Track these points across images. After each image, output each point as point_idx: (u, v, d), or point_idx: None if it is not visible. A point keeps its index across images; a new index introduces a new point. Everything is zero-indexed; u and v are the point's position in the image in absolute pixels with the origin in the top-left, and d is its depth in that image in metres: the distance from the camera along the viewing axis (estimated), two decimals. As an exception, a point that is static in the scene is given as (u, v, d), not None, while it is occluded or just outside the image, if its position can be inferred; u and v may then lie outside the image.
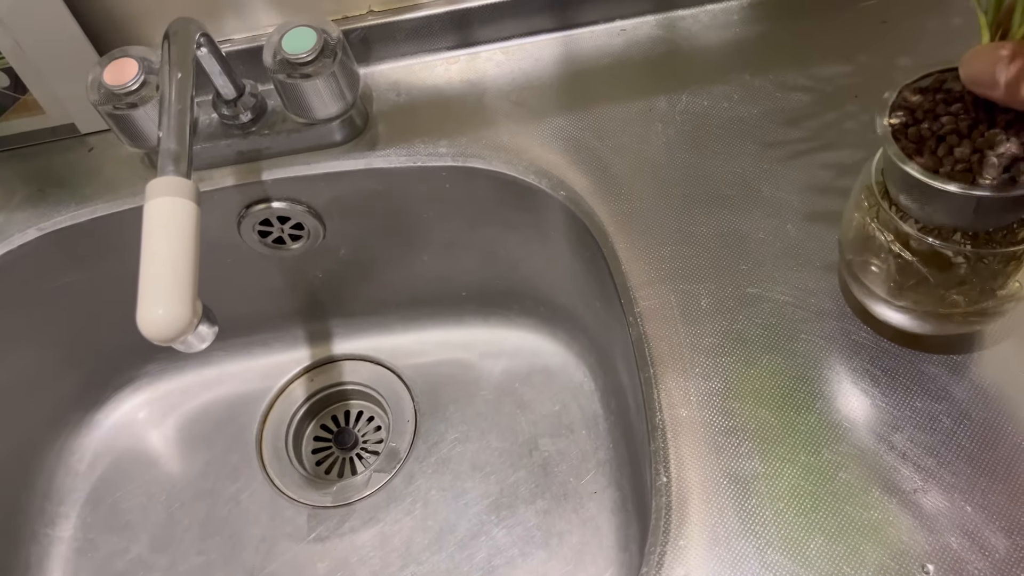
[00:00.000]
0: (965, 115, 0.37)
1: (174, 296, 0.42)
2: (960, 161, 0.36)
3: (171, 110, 0.47)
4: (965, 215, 0.37)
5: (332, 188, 0.62)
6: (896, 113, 0.38)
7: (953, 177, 0.36)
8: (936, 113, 0.38)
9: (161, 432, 0.74)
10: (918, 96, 0.38)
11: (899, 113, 0.38)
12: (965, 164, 0.36)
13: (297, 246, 0.67)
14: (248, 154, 0.61)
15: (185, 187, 0.44)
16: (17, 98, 0.61)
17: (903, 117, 0.38)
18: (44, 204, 0.62)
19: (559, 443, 0.68)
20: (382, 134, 0.62)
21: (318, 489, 0.70)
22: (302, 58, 0.55)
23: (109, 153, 0.64)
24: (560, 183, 0.57)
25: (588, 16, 0.63)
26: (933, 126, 0.37)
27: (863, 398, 0.45)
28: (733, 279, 0.50)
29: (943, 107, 0.38)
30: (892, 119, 0.38)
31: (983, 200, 0.36)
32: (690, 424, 0.46)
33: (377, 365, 0.76)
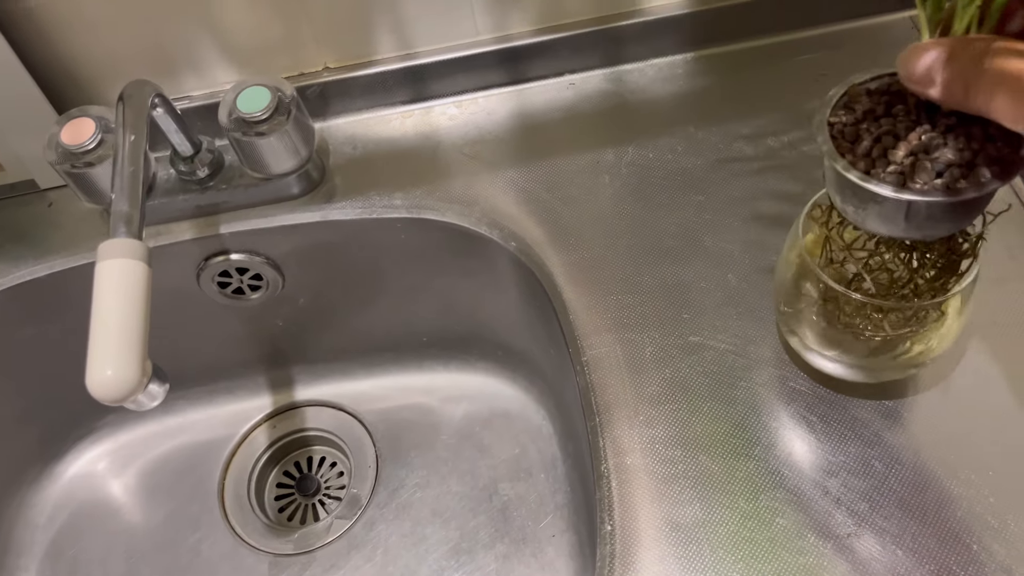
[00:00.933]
0: (905, 117, 0.35)
1: (123, 357, 0.42)
2: (893, 164, 0.35)
3: (124, 172, 0.48)
4: (897, 222, 0.36)
5: (290, 240, 0.64)
6: (838, 112, 0.37)
7: (883, 180, 0.34)
8: (877, 114, 0.36)
9: (122, 483, 0.74)
10: (864, 96, 0.37)
11: (841, 112, 0.37)
12: (899, 167, 0.34)
13: (256, 296, 0.68)
14: (206, 208, 0.62)
15: (136, 248, 0.45)
16: (-24, 155, 0.62)
17: (843, 116, 0.37)
18: (3, 260, 0.63)
19: (518, 487, 0.69)
20: (339, 186, 0.63)
21: (280, 537, 0.70)
22: (256, 116, 0.57)
23: (68, 208, 0.65)
24: (511, 234, 0.58)
25: (538, 70, 0.65)
26: (872, 127, 0.36)
27: (800, 444, 0.46)
28: (676, 328, 0.52)
29: (885, 108, 0.36)
30: (832, 116, 0.37)
31: (913, 206, 0.34)
32: (634, 472, 0.47)
33: (339, 411, 0.77)
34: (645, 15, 0.63)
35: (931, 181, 0.34)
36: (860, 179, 0.35)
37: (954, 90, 0.31)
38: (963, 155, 0.34)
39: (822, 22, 0.65)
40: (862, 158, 0.35)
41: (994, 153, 0.33)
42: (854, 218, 0.37)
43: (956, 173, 0.33)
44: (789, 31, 0.65)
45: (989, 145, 0.34)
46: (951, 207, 0.34)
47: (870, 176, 0.35)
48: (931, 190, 0.33)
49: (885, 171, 0.34)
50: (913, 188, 0.34)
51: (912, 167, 0.34)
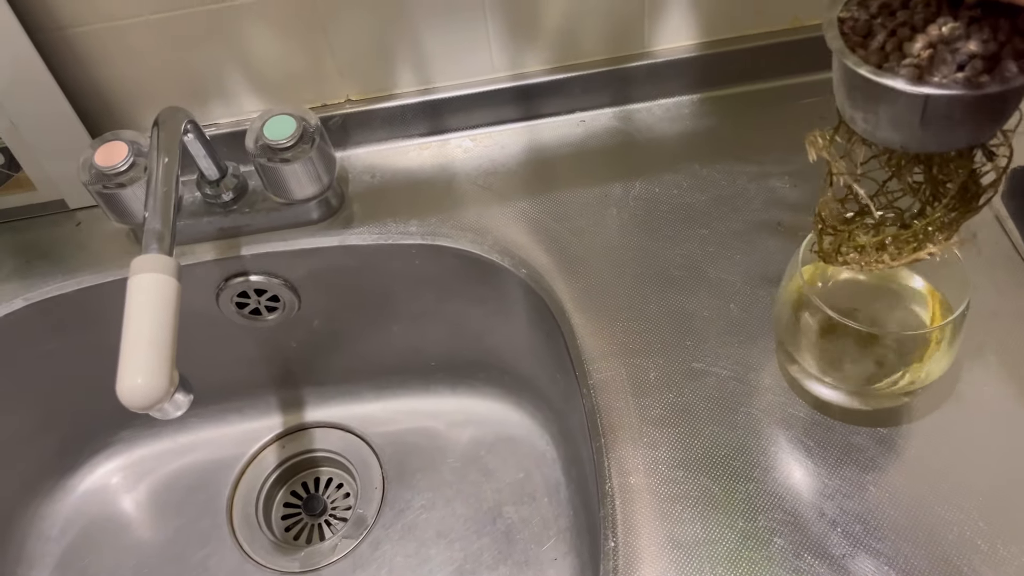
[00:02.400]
0: (924, 10, 0.32)
1: (153, 366, 0.44)
2: (909, 56, 0.31)
3: (157, 192, 0.51)
4: (912, 127, 0.32)
5: (307, 263, 0.66)
6: (851, 7, 0.34)
7: (898, 74, 0.31)
8: (893, 8, 0.33)
9: (133, 498, 0.75)
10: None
11: (854, 7, 0.34)
12: (915, 60, 0.31)
13: (273, 317, 0.70)
14: (228, 231, 0.64)
15: (167, 264, 0.48)
16: (11, 175, 0.65)
17: (856, 11, 0.34)
18: (32, 275, 0.65)
19: (522, 511, 0.70)
20: (356, 213, 0.65)
21: (286, 555, 0.72)
22: (282, 144, 0.59)
23: (96, 228, 0.67)
24: (522, 261, 0.61)
25: (551, 108, 0.68)
26: (887, 21, 0.33)
27: (797, 467, 0.48)
28: (680, 354, 0.54)
29: (902, 2, 0.33)
30: (843, 11, 0.34)
31: (931, 103, 0.31)
32: (638, 491, 0.49)
33: (347, 433, 0.78)
34: (654, 57, 0.66)
35: (951, 74, 0.30)
36: (871, 73, 0.31)
37: None
38: (987, 47, 0.30)
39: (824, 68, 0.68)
40: (875, 53, 0.32)
41: (1022, 47, 0.30)
42: (863, 128, 0.34)
43: (979, 65, 0.30)
44: (792, 75, 0.68)
45: (1017, 38, 0.30)
46: (973, 106, 0.31)
47: (883, 71, 0.31)
48: (951, 84, 0.30)
49: (900, 65, 0.31)
50: (931, 82, 0.30)
51: (930, 60, 0.31)
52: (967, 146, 0.34)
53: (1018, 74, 0.30)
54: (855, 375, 0.47)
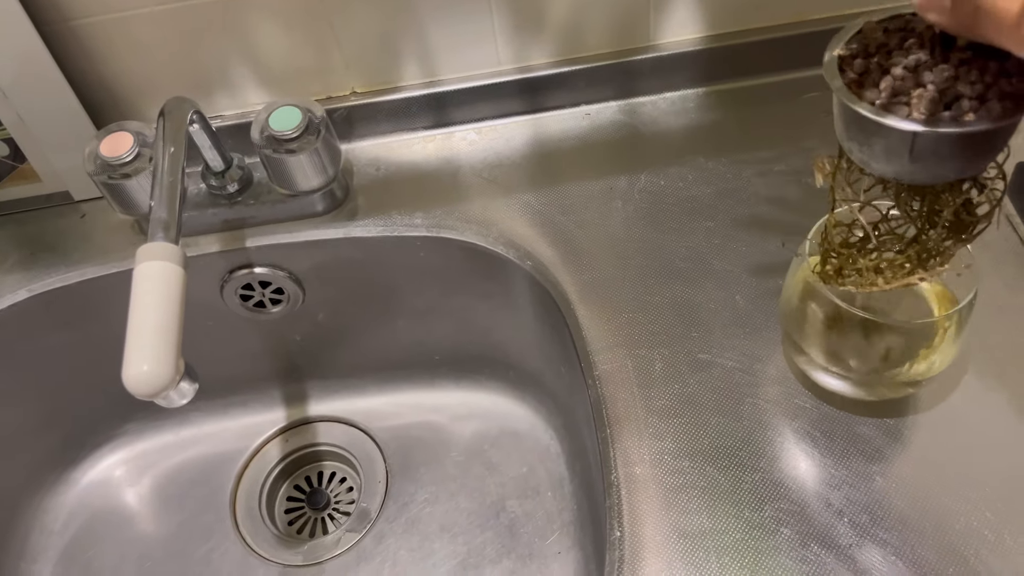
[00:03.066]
0: (919, 51, 0.34)
1: (159, 354, 0.44)
2: (900, 94, 0.34)
3: (163, 181, 0.51)
4: (903, 160, 0.34)
5: (312, 255, 0.66)
6: (850, 46, 0.36)
7: (888, 109, 0.33)
8: (890, 48, 0.35)
9: (136, 491, 0.75)
10: (878, 32, 0.36)
11: (853, 46, 0.36)
12: (906, 98, 0.33)
13: (277, 310, 0.70)
14: (233, 222, 0.64)
15: (173, 252, 0.48)
16: (15, 166, 0.65)
17: (855, 49, 0.36)
18: (36, 267, 0.65)
19: (526, 505, 0.70)
20: (361, 206, 0.65)
21: (290, 548, 0.71)
22: (287, 135, 0.59)
23: (100, 220, 0.67)
24: (527, 254, 0.61)
25: (556, 101, 0.68)
26: (883, 60, 0.35)
27: (804, 458, 0.48)
28: (685, 345, 0.54)
29: (899, 42, 0.35)
30: (843, 50, 0.36)
31: (919, 139, 0.33)
32: (643, 481, 0.49)
33: (351, 427, 0.78)
34: (659, 51, 0.66)
35: (938, 112, 0.32)
36: (865, 110, 0.34)
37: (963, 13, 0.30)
38: (974, 88, 0.32)
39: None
40: (870, 90, 0.34)
41: (1008, 88, 0.32)
42: (859, 158, 0.36)
43: (966, 105, 0.32)
44: (794, 70, 0.68)
45: (1003, 80, 0.32)
46: (960, 143, 0.33)
47: (876, 108, 0.34)
48: (937, 122, 0.32)
49: (891, 102, 0.33)
50: (918, 120, 0.33)
51: (919, 99, 0.33)
52: (957, 179, 0.36)
53: (1002, 114, 0.32)
54: (862, 365, 0.46)
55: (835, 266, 0.43)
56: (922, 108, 0.33)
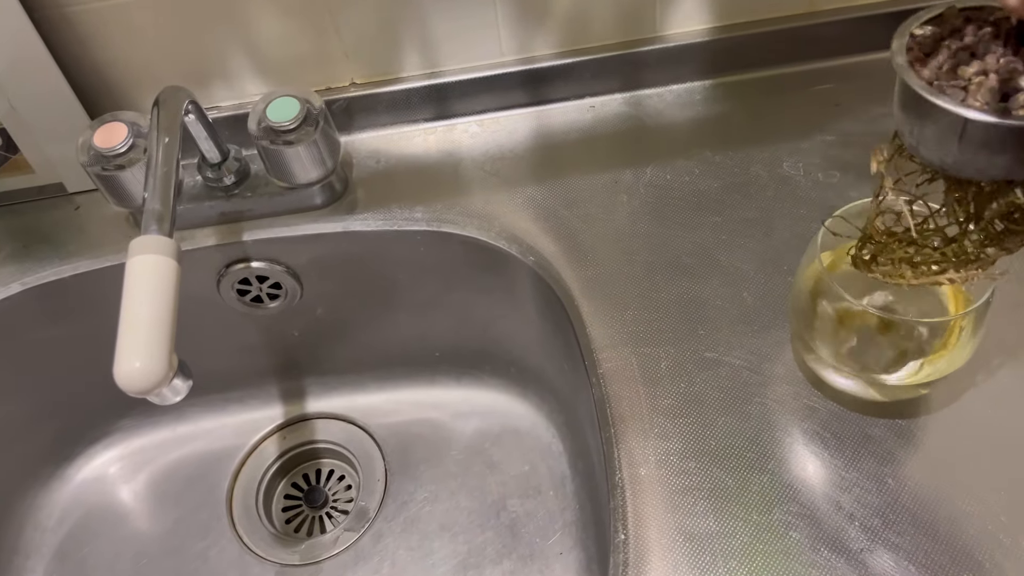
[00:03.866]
0: (992, 41, 0.33)
1: (151, 350, 0.43)
2: (961, 79, 0.32)
3: (157, 172, 0.50)
4: (951, 148, 0.33)
5: (311, 249, 0.65)
6: (925, 26, 0.35)
7: (944, 91, 0.32)
8: (964, 33, 0.34)
9: (132, 488, 0.74)
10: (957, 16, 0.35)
11: (928, 26, 0.35)
12: (964, 82, 0.32)
13: (275, 305, 0.68)
14: (230, 215, 0.63)
15: (167, 246, 0.46)
16: (8, 157, 0.64)
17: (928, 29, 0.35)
18: (29, 260, 0.64)
19: (527, 504, 0.69)
20: (361, 199, 0.64)
21: (286, 547, 0.70)
22: (285, 126, 0.58)
23: (95, 212, 0.66)
24: (530, 249, 0.59)
25: (560, 93, 0.67)
26: (953, 43, 0.34)
27: (813, 460, 0.47)
28: (691, 343, 0.52)
29: (975, 29, 0.34)
30: (918, 28, 0.35)
31: (969, 126, 0.32)
32: (648, 483, 0.47)
33: (349, 424, 0.77)
34: (665, 42, 0.65)
35: (993, 102, 0.31)
36: (920, 88, 0.32)
37: None
38: None
39: (836, 54, 0.67)
40: (932, 70, 0.33)
41: None
42: (909, 143, 0.35)
43: (1022, 99, 0.31)
44: (803, 62, 0.67)
45: None
46: (1010, 137, 0.31)
47: (932, 88, 0.32)
48: (990, 111, 0.31)
49: (948, 85, 0.32)
50: (972, 106, 0.31)
51: (979, 86, 0.32)
52: (1004, 178, 0.34)
53: None
54: (873, 364, 0.45)
55: (872, 251, 0.41)
56: (979, 95, 0.31)
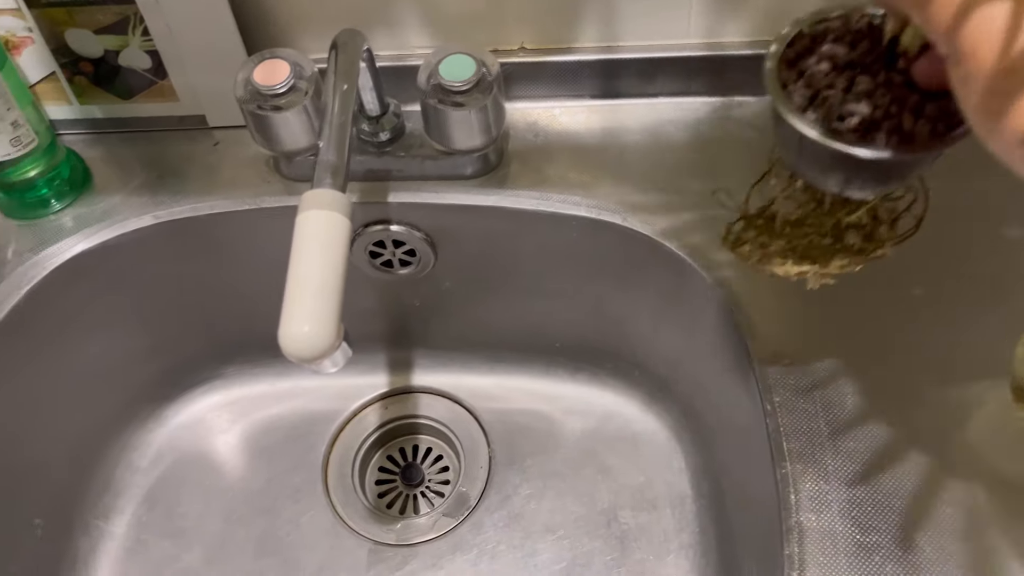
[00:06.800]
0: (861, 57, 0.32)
1: (321, 314, 0.40)
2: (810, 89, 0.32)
3: (333, 121, 0.46)
4: (792, 151, 0.33)
5: (455, 220, 0.61)
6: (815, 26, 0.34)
7: (791, 98, 0.32)
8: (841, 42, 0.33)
9: (227, 439, 0.71)
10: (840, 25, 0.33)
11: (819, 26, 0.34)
12: (809, 92, 0.32)
13: (404, 272, 0.65)
14: (377, 173, 0.59)
15: (340, 202, 0.43)
16: (155, 82, 0.60)
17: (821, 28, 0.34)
18: (162, 192, 0.61)
19: (640, 518, 0.65)
20: (513, 174, 0.60)
21: (381, 524, 0.67)
22: (457, 86, 0.54)
23: (233, 151, 0.62)
24: (697, 250, 0.55)
25: (746, 86, 0.61)
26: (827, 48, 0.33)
27: None
28: (888, 380, 0.47)
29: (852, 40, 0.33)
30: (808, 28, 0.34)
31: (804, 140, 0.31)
32: (822, 533, 0.43)
33: (455, 403, 0.73)
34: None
35: (829, 120, 0.31)
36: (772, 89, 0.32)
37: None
38: (875, 112, 0.30)
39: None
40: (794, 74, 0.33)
41: (907, 126, 0.30)
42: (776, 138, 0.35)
43: (854, 123, 0.30)
44: None
45: (908, 116, 0.30)
46: (837, 157, 0.31)
47: (785, 91, 0.32)
48: (817, 127, 0.31)
49: (796, 89, 0.32)
50: (805, 117, 0.31)
51: (823, 99, 0.31)
52: (839, 193, 0.35)
53: (882, 147, 0.30)
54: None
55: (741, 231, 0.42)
56: (813, 109, 0.31)
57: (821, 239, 0.38)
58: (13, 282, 0.56)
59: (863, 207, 0.36)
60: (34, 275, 0.57)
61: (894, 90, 0.30)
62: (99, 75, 0.60)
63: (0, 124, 0.54)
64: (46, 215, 0.60)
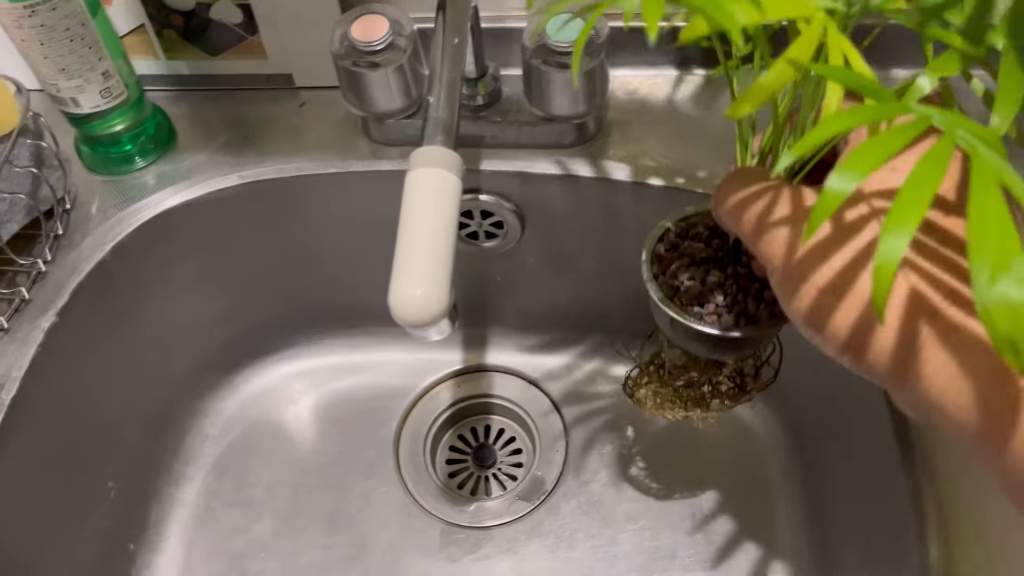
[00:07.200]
0: (714, 253, 0.38)
1: (433, 277, 0.37)
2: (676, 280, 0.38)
3: (443, 78, 0.43)
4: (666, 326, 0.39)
5: (547, 191, 0.58)
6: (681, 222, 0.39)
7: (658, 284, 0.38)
8: (701, 238, 0.38)
9: (297, 410, 0.70)
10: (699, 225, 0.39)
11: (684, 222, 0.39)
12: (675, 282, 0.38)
13: (489, 245, 0.62)
14: (471, 139, 0.57)
15: (453, 161, 0.40)
16: (244, 37, 0.58)
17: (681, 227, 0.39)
18: (248, 152, 0.59)
19: (730, 515, 0.62)
20: (614, 144, 0.57)
21: (453, 504, 0.65)
22: (564, 47, 0.51)
23: (320, 112, 0.60)
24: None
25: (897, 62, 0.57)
26: (688, 249, 0.38)
27: None
28: None
29: (708, 235, 0.38)
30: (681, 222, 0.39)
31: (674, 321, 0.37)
32: (963, 543, 0.40)
33: (531, 384, 0.71)
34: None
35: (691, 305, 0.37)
36: (647, 280, 0.38)
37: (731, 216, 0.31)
38: (725, 299, 0.36)
39: None
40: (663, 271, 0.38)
41: (751, 309, 0.36)
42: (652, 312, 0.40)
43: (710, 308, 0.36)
44: None
45: (752, 302, 0.36)
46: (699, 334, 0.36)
47: (657, 280, 0.38)
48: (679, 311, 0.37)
49: (664, 281, 0.38)
50: (669, 303, 0.37)
51: (686, 290, 0.37)
52: (708, 357, 0.42)
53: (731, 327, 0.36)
54: None
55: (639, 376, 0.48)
56: (685, 297, 0.37)
57: (700, 389, 0.45)
58: (98, 238, 0.55)
59: (727, 367, 0.44)
60: (119, 232, 0.55)
61: (740, 281, 0.37)
62: (189, 29, 0.58)
63: (91, 74, 0.52)
64: (129, 172, 0.58)
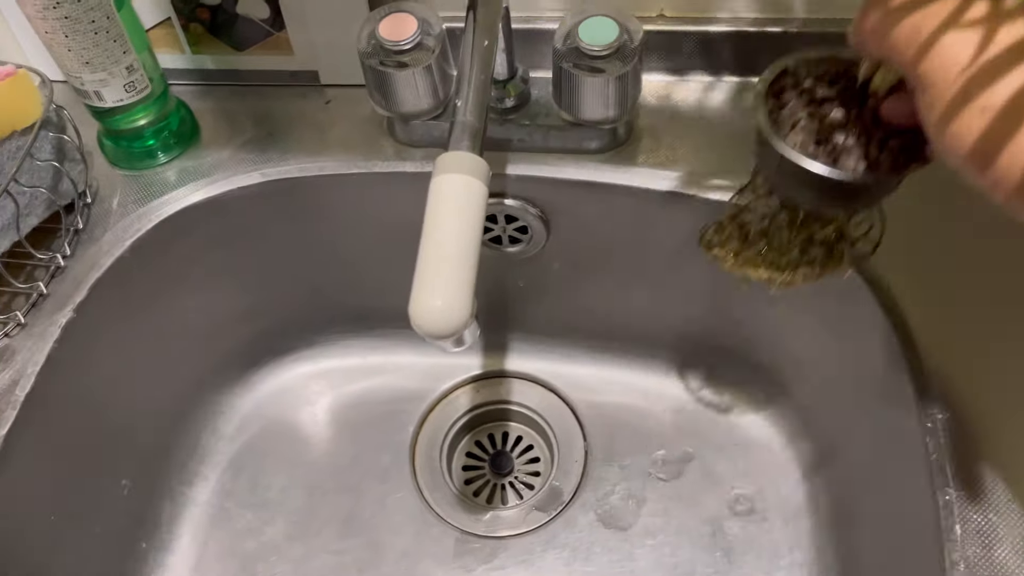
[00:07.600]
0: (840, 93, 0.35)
1: (455, 288, 0.36)
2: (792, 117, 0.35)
3: (472, 79, 0.42)
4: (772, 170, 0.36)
5: (573, 197, 0.57)
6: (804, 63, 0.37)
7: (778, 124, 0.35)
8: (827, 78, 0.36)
9: (313, 411, 0.69)
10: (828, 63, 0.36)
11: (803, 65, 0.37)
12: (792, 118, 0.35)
13: (512, 250, 0.61)
14: (497, 142, 0.56)
15: (479, 167, 0.39)
16: (271, 33, 0.58)
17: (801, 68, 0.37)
18: (271, 149, 0.58)
19: (749, 530, 0.60)
20: (644, 150, 0.56)
21: (469, 513, 0.64)
22: (596, 51, 0.50)
23: (345, 110, 0.60)
24: (849, 249, 0.50)
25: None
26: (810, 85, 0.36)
27: None
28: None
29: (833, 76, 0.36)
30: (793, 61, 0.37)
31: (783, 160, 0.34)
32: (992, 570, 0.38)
33: (550, 392, 0.70)
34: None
35: (807, 144, 0.34)
36: (759, 113, 0.35)
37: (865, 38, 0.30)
38: (846, 141, 0.34)
39: None
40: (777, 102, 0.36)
41: (872, 155, 0.33)
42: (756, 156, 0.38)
43: (827, 149, 0.34)
44: None
45: (874, 147, 0.33)
46: (811, 177, 0.34)
47: (770, 116, 0.35)
48: (796, 149, 0.34)
49: (779, 117, 0.35)
50: (783, 136, 0.34)
51: (802, 128, 0.34)
52: (813, 210, 0.39)
53: (850, 171, 0.33)
54: None
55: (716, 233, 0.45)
56: (797, 135, 0.34)
57: (789, 251, 0.42)
58: (118, 233, 0.54)
59: (832, 224, 0.40)
60: (139, 227, 0.55)
61: (864, 124, 0.34)
62: (215, 23, 0.57)
63: (115, 68, 0.52)
64: (152, 167, 0.58)
